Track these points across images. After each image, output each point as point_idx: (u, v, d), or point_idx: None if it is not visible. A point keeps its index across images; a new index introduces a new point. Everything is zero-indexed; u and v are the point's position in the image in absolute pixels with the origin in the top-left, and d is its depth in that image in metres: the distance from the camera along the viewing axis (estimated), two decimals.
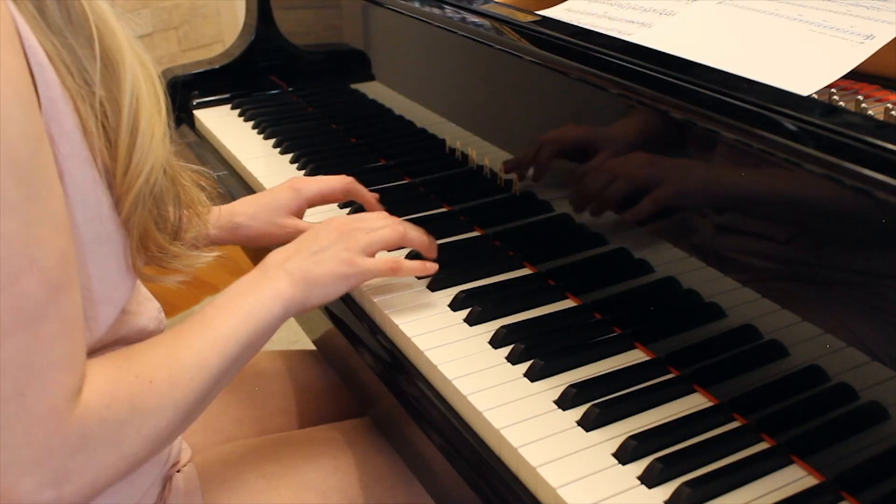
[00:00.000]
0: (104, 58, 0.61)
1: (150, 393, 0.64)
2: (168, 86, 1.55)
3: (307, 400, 1.08)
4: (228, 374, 0.72)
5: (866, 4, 0.83)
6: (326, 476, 0.90)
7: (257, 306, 0.75)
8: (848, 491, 0.66)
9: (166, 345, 0.69)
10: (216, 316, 0.73)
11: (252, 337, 0.74)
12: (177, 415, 0.66)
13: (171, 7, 2.69)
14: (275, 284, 0.78)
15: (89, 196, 0.62)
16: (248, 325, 0.74)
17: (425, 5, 1.08)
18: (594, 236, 0.89)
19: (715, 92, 0.71)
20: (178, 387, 0.66)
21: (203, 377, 0.68)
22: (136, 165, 0.64)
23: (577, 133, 0.91)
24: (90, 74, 0.60)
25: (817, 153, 0.62)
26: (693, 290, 0.78)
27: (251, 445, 0.93)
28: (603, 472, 0.69)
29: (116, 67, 0.62)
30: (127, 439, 0.62)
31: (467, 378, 0.80)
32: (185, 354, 0.68)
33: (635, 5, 0.96)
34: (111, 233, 0.65)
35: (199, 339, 0.70)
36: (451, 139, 1.10)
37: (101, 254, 0.65)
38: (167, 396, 0.65)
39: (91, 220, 0.63)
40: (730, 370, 0.76)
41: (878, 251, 0.62)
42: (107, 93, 0.62)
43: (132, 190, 0.64)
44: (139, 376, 0.64)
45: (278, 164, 1.31)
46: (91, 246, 0.63)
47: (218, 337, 0.71)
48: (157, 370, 0.66)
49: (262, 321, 0.75)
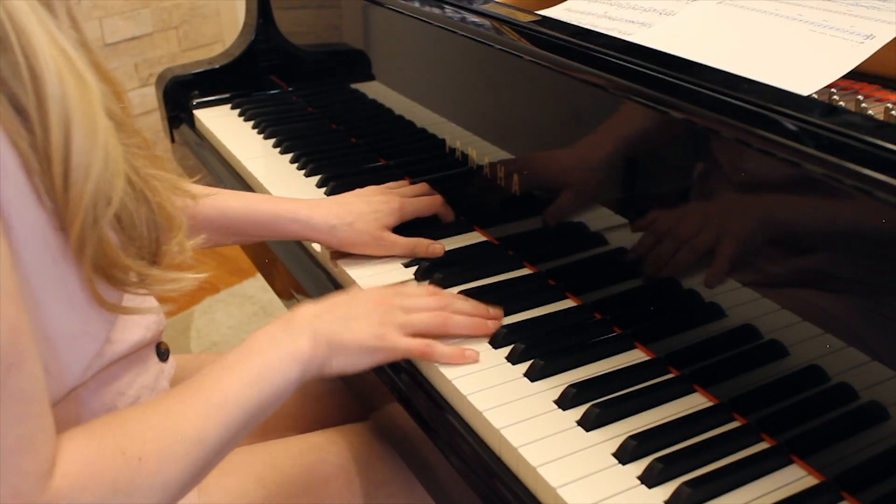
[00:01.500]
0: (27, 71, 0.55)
1: (137, 472, 0.58)
2: (168, 86, 1.56)
3: (309, 404, 1.08)
4: (232, 443, 0.66)
5: (866, 4, 0.83)
6: (327, 483, 0.89)
7: (273, 370, 0.69)
8: (848, 491, 0.66)
9: (161, 413, 0.63)
10: (223, 377, 0.66)
11: (263, 403, 0.68)
12: (165, 494, 0.60)
13: (171, 7, 2.69)
14: (296, 343, 0.72)
15: (41, 237, 0.58)
16: (260, 391, 0.67)
17: (425, 5, 1.08)
18: (594, 236, 0.89)
19: (715, 92, 0.71)
20: (170, 463, 0.60)
21: (200, 451, 0.62)
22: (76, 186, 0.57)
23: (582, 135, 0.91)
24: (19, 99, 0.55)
25: (817, 153, 0.62)
26: (693, 290, 0.78)
27: (250, 451, 0.92)
28: (603, 472, 0.69)
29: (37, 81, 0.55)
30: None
31: (467, 378, 0.80)
32: (182, 427, 0.62)
33: (635, 5, 0.96)
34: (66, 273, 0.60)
35: (199, 407, 0.64)
36: (451, 139, 1.10)
37: (65, 294, 0.60)
38: (157, 475, 0.59)
39: (49, 262, 0.58)
40: (730, 370, 0.76)
41: (878, 251, 0.62)
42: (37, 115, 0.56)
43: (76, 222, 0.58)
44: (126, 453, 0.58)
45: (278, 164, 1.31)
46: (54, 289, 0.59)
47: (222, 406, 0.64)
48: (146, 445, 0.59)
49: (275, 385, 0.69)
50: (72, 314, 0.62)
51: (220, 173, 1.36)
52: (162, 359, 0.79)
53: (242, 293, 2.37)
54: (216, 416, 0.64)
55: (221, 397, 0.65)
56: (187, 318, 2.29)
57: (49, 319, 0.60)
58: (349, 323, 0.77)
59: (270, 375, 0.68)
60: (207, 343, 2.20)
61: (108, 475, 0.57)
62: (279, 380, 0.69)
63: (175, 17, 2.71)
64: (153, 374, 0.77)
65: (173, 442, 0.61)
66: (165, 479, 0.60)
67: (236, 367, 0.68)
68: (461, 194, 1.12)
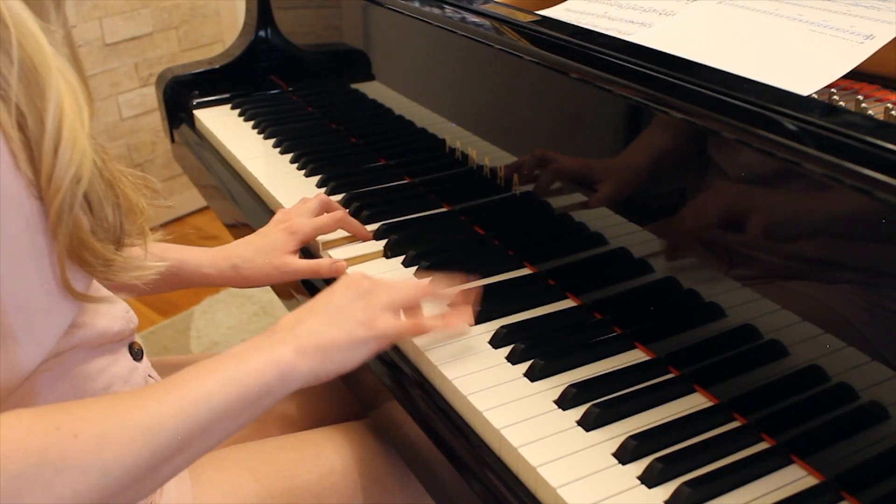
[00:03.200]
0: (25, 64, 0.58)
1: (71, 447, 0.56)
2: (168, 86, 1.56)
3: (307, 402, 1.08)
4: (197, 443, 0.64)
5: (866, 4, 0.83)
6: (322, 478, 0.89)
7: (245, 371, 0.67)
8: (848, 491, 0.66)
9: (112, 402, 0.62)
10: (194, 376, 0.66)
11: (233, 403, 0.66)
12: (105, 479, 0.58)
13: (171, 7, 2.69)
14: (274, 350, 0.70)
15: (18, 203, 0.58)
16: (229, 390, 0.65)
17: (425, 5, 1.08)
18: (594, 236, 0.89)
19: (715, 92, 0.71)
20: (109, 446, 0.58)
21: (151, 440, 0.60)
22: (60, 175, 0.59)
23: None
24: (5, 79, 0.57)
25: (817, 153, 0.62)
26: (693, 290, 0.78)
27: (246, 448, 0.92)
28: (603, 471, 0.69)
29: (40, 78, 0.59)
30: (30, 496, 0.55)
31: (467, 378, 0.80)
32: (131, 412, 0.61)
33: (635, 5, 0.96)
34: (43, 245, 0.61)
35: (157, 399, 0.63)
36: (451, 139, 1.10)
37: (38, 265, 0.61)
38: (94, 454, 0.57)
39: (25, 229, 0.59)
40: (730, 370, 0.76)
41: (878, 251, 0.62)
42: (27, 101, 0.58)
43: (56, 198, 0.59)
44: (60, 428, 0.57)
45: (278, 164, 1.31)
46: (27, 256, 0.60)
47: (184, 398, 0.63)
48: (86, 424, 0.58)
49: (248, 388, 0.67)
50: (42, 287, 0.61)
51: (220, 173, 1.36)
52: (136, 358, 0.80)
53: (242, 293, 2.38)
54: (173, 408, 0.62)
55: (185, 390, 0.64)
56: (187, 318, 2.29)
57: (21, 288, 0.60)
58: (332, 317, 0.75)
59: (245, 378, 0.67)
60: (207, 343, 2.20)
61: (37, 446, 0.56)
62: (253, 384, 0.67)
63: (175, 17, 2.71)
64: (126, 366, 0.77)
65: (118, 426, 0.59)
66: (105, 461, 0.58)
67: (210, 367, 0.67)
68: (461, 194, 1.12)
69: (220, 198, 1.35)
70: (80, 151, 0.61)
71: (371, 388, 0.91)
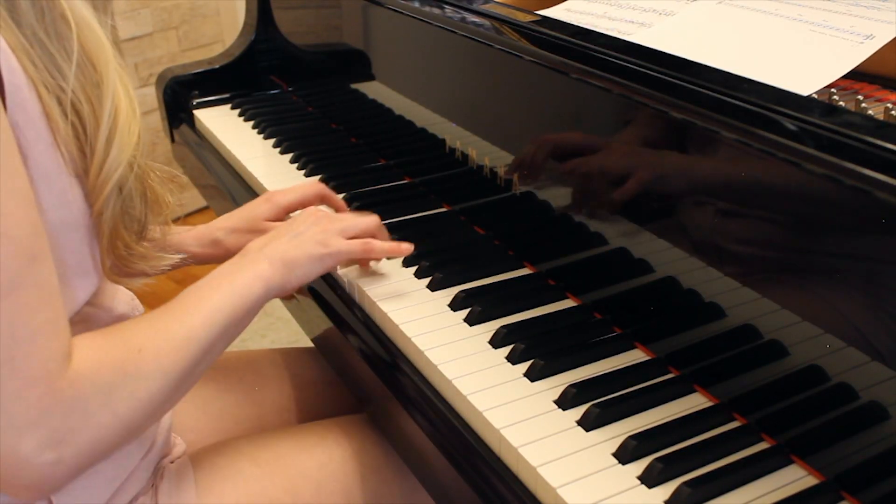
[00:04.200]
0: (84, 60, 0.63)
1: (139, 360, 0.66)
2: (168, 86, 1.56)
3: (305, 397, 1.08)
4: (216, 347, 0.74)
5: (866, 4, 0.83)
6: (321, 466, 0.90)
7: (239, 285, 0.78)
8: (848, 491, 0.66)
9: (154, 318, 0.72)
10: (201, 294, 0.75)
11: (235, 313, 0.76)
12: (167, 382, 0.68)
13: (171, 7, 2.69)
14: (256, 267, 0.81)
15: (55, 181, 0.63)
16: (232, 302, 0.76)
17: (425, 5, 1.08)
18: (594, 236, 0.89)
19: (715, 92, 0.71)
20: (166, 355, 0.68)
21: (191, 348, 0.71)
22: (112, 165, 0.66)
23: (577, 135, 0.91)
24: (58, 70, 0.62)
25: (817, 153, 0.62)
26: (693, 290, 0.78)
27: (247, 440, 0.93)
28: (603, 471, 0.69)
29: (98, 72, 0.64)
30: (121, 402, 0.64)
31: (467, 378, 0.80)
32: (173, 326, 0.71)
33: (635, 5, 0.96)
34: (79, 220, 0.66)
35: (186, 313, 0.73)
36: (451, 139, 1.10)
37: (69, 239, 0.66)
38: (156, 363, 0.67)
39: (58, 205, 0.64)
40: (730, 370, 0.76)
41: (878, 251, 0.62)
42: (84, 95, 0.63)
43: (105, 188, 0.66)
44: (127, 344, 0.67)
45: (278, 164, 1.31)
46: (59, 231, 0.65)
47: (203, 311, 0.73)
48: (145, 339, 0.68)
49: (244, 299, 0.78)
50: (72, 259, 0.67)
51: (220, 173, 1.36)
52: None
53: None
54: (200, 321, 0.72)
55: (201, 306, 0.74)
56: None
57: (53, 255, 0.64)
58: (294, 240, 0.86)
59: (239, 292, 0.78)
60: None
61: (116, 360, 0.65)
62: (247, 294, 0.78)
63: (175, 17, 2.71)
64: None
65: (166, 339, 0.69)
66: (164, 367, 0.68)
67: (209, 285, 0.77)
68: (461, 194, 1.12)
69: (220, 198, 1.35)
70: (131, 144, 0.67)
71: (369, 387, 0.91)
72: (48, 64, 0.62)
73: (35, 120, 0.61)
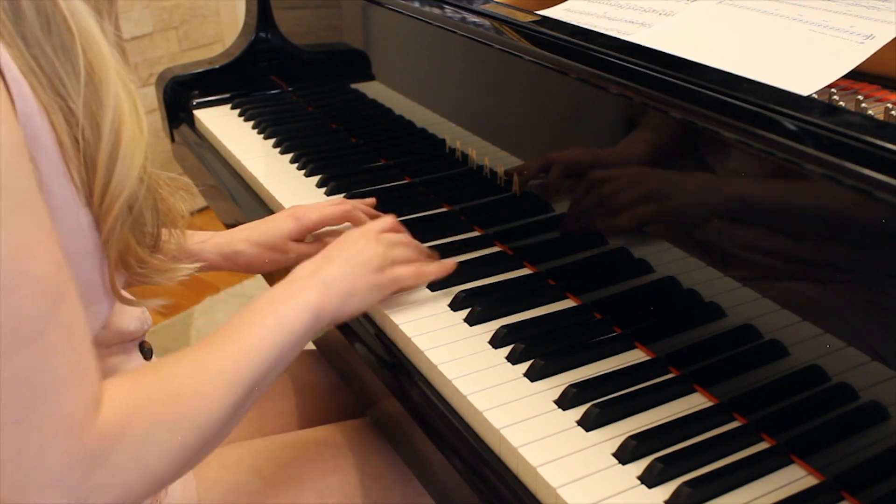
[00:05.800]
0: (87, 74, 0.59)
1: (175, 407, 0.62)
2: (168, 86, 1.56)
3: (307, 400, 1.08)
4: (260, 387, 0.69)
5: (866, 4, 0.83)
6: (324, 476, 0.90)
7: (289, 318, 0.73)
8: (848, 491, 0.66)
9: (192, 358, 0.67)
10: (243, 328, 0.70)
11: (282, 349, 0.71)
12: (204, 431, 0.63)
13: (171, 7, 2.69)
14: (305, 295, 0.76)
15: (69, 211, 0.60)
16: (276, 337, 0.71)
17: (425, 5, 1.08)
18: (594, 236, 0.89)
19: (715, 92, 0.71)
20: (205, 401, 0.64)
21: (232, 391, 0.66)
22: (117, 185, 0.61)
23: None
24: (66, 88, 0.58)
25: (817, 153, 0.62)
26: (693, 290, 0.78)
27: (249, 445, 0.93)
28: (603, 471, 0.69)
29: (99, 85, 0.60)
30: (151, 455, 0.59)
31: (467, 378, 0.80)
32: (213, 369, 0.66)
33: (635, 5, 0.96)
34: (91, 248, 0.63)
35: (228, 353, 0.68)
36: (451, 139, 1.10)
37: (84, 269, 0.63)
38: (194, 411, 0.63)
39: (72, 235, 0.61)
40: (730, 370, 0.76)
41: (878, 251, 0.62)
42: (85, 109, 0.59)
43: (112, 210, 0.62)
44: (163, 388, 0.62)
45: (278, 164, 1.31)
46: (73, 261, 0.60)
47: (246, 348, 0.68)
48: (183, 384, 0.63)
49: (293, 333, 0.73)
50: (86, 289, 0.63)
51: (220, 173, 1.36)
52: (146, 357, 0.81)
53: (242, 293, 2.37)
54: (245, 361, 0.67)
55: (247, 345, 0.68)
56: (187, 318, 2.29)
57: None
58: (348, 265, 0.81)
59: (287, 324, 0.72)
60: None
61: (150, 409, 0.60)
62: (296, 327, 0.73)
63: (175, 17, 2.71)
64: (137, 365, 0.80)
65: (206, 382, 0.64)
66: (202, 415, 0.63)
67: (254, 319, 0.71)
68: (461, 194, 1.12)
69: (220, 198, 1.35)
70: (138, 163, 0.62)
71: (370, 388, 0.91)
72: (56, 83, 0.58)
73: (48, 149, 0.58)
